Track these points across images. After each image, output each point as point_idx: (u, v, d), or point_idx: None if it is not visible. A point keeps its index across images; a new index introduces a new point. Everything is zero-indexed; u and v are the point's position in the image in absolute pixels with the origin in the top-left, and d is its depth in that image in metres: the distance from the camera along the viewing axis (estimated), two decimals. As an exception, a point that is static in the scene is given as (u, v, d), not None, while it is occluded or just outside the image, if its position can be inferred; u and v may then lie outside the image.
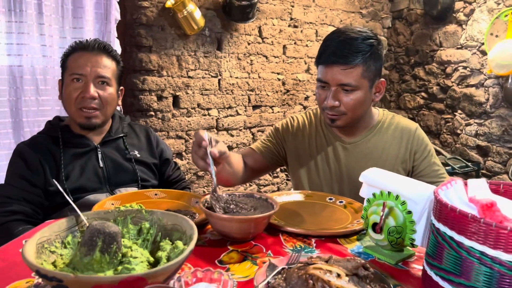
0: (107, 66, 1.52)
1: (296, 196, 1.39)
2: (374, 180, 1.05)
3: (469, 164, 3.31)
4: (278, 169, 3.76)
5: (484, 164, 3.40)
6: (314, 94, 3.82)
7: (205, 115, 3.21)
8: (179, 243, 0.82)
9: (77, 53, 1.51)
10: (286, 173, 3.82)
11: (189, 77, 3.06)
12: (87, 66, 1.48)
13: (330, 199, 1.35)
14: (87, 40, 1.54)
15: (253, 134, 3.52)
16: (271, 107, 3.59)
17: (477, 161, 3.41)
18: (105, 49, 1.54)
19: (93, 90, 1.47)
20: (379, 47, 1.42)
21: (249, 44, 3.33)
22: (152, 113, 2.94)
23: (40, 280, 0.83)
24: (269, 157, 1.65)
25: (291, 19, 3.55)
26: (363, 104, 1.43)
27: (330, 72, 1.38)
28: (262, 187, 3.69)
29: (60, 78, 1.57)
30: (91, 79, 1.48)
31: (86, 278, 0.65)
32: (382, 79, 1.47)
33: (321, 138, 1.59)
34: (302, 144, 1.61)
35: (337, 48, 1.36)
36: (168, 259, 0.80)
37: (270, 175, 3.73)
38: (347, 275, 0.76)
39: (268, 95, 3.53)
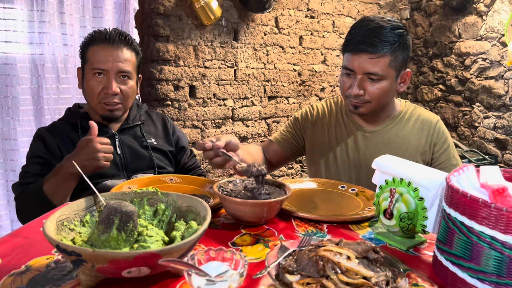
0: (128, 60, 1.52)
1: (308, 183, 1.40)
2: (387, 167, 1.06)
3: (486, 157, 3.27)
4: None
5: (502, 158, 3.36)
6: (330, 86, 3.80)
7: (220, 105, 3.23)
8: (193, 223, 0.84)
9: (98, 45, 1.50)
10: (301, 164, 3.83)
11: (205, 67, 3.08)
12: (108, 61, 1.47)
13: (342, 187, 1.36)
14: (107, 29, 1.53)
15: (268, 125, 3.53)
16: (286, 98, 3.59)
17: (495, 154, 3.37)
18: (126, 41, 1.53)
19: (115, 86, 1.48)
20: (408, 38, 1.41)
21: (265, 34, 3.33)
22: (169, 102, 2.97)
23: (60, 256, 0.87)
24: (288, 147, 1.66)
25: (308, 9, 3.53)
26: (388, 93, 1.42)
27: (357, 60, 1.37)
28: (277, 178, 3.71)
29: (80, 67, 1.58)
30: (113, 74, 1.48)
31: (104, 253, 0.68)
32: (408, 69, 1.46)
33: (341, 127, 1.59)
34: (321, 132, 1.62)
35: (366, 36, 1.35)
36: (182, 238, 0.82)
37: (285, 166, 3.74)
38: (357, 257, 0.78)
39: (284, 86, 3.54)
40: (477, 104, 3.53)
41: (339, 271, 0.74)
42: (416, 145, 1.50)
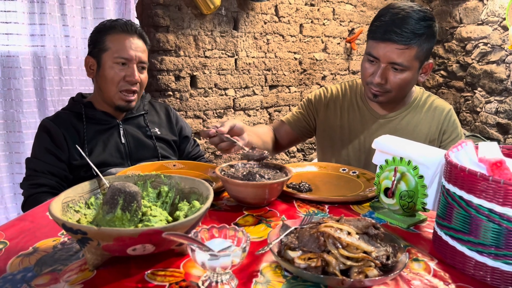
0: (144, 51, 1.58)
1: (309, 167, 1.41)
2: (387, 146, 1.07)
3: (488, 141, 3.27)
4: (295, 149, 3.78)
5: (504, 142, 3.36)
6: (331, 74, 3.80)
7: (222, 95, 3.23)
8: (196, 203, 0.86)
9: (118, 34, 1.53)
10: (303, 153, 3.84)
11: (206, 57, 3.09)
12: (131, 50, 1.52)
13: (344, 169, 1.37)
14: (124, 21, 1.56)
15: (270, 114, 3.53)
16: (288, 86, 3.59)
17: (497, 139, 3.37)
18: (141, 33, 1.58)
19: (137, 75, 1.54)
20: (435, 29, 1.38)
21: (265, 23, 3.33)
22: (170, 93, 2.98)
23: (66, 238, 0.88)
24: (299, 129, 1.68)
25: (308, -3, 3.52)
26: (409, 84, 1.42)
27: (384, 49, 1.35)
28: (279, 166, 3.71)
29: (90, 56, 1.57)
30: (135, 63, 1.53)
31: (109, 230, 0.69)
32: (431, 61, 1.45)
33: (354, 111, 1.60)
34: (334, 115, 1.63)
35: (395, 25, 1.32)
36: (186, 217, 0.83)
37: (287, 155, 3.75)
38: (357, 233, 0.79)
39: (285, 75, 3.53)
40: (479, 89, 3.52)
41: (340, 246, 0.75)
42: (426, 133, 1.51)
